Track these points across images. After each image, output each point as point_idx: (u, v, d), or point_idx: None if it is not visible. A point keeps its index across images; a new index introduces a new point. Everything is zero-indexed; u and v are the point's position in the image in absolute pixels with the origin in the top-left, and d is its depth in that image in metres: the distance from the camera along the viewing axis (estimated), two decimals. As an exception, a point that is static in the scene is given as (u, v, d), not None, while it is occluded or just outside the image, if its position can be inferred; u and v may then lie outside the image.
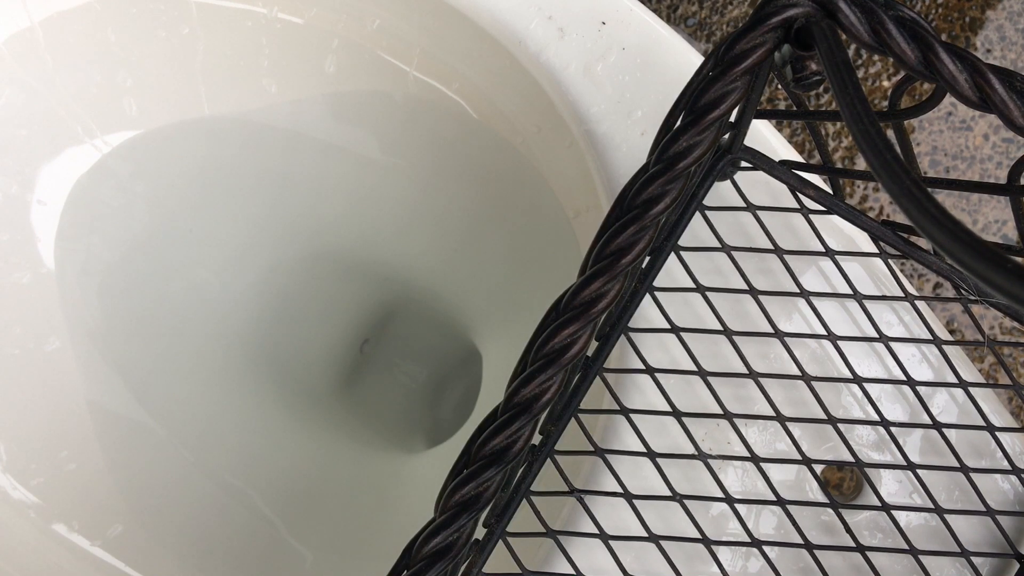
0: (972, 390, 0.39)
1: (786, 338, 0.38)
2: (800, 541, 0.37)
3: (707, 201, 0.38)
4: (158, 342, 0.61)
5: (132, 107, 0.58)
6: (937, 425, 0.38)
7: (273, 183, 0.61)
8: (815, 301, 0.39)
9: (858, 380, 0.38)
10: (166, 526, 0.58)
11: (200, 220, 0.62)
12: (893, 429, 0.38)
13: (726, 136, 0.37)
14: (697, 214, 0.38)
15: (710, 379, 0.38)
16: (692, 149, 0.29)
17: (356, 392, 0.73)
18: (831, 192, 0.39)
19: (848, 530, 0.38)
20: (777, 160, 0.39)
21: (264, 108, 0.59)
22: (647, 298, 0.37)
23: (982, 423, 0.39)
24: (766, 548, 0.37)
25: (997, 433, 0.39)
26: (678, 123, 0.29)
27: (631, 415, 0.37)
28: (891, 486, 0.40)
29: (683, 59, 0.44)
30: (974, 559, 0.38)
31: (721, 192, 0.39)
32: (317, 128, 0.60)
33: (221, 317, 0.63)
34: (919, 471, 0.38)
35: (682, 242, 0.38)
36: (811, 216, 0.39)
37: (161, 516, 0.59)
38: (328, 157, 0.60)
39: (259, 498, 0.61)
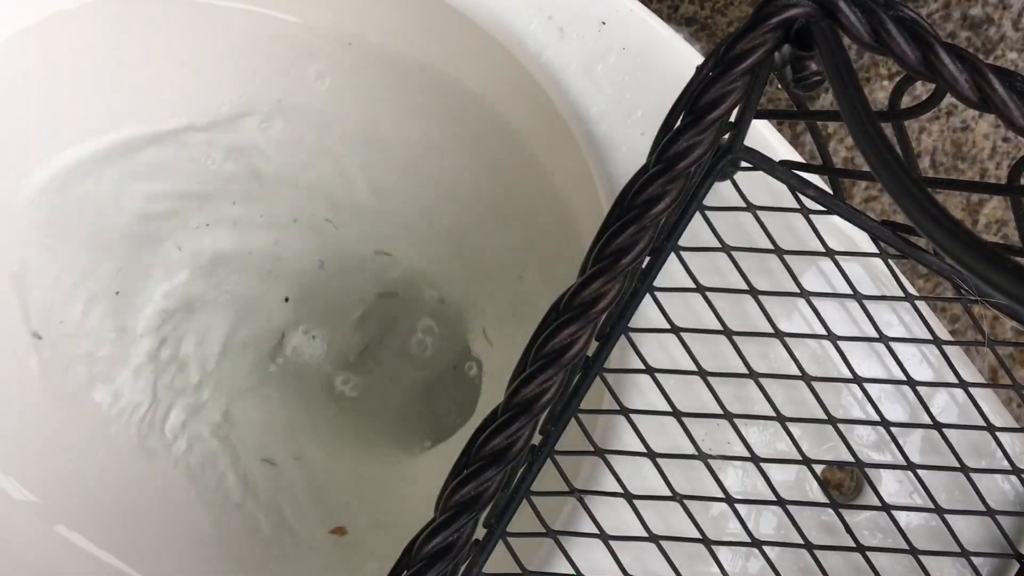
0: (972, 390, 0.39)
1: (786, 338, 0.38)
2: (800, 541, 0.37)
3: (707, 201, 0.38)
4: (157, 341, 0.61)
5: (133, 109, 0.58)
6: (937, 425, 0.38)
7: (273, 184, 0.61)
8: (815, 301, 0.39)
9: (858, 380, 0.38)
10: (166, 526, 0.58)
11: (201, 221, 0.62)
12: (893, 429, 0.38)
13: (726, 136, 0.37)
14: (697, 214, 0.38)
15: (710, 379, 0.38)
16: (692, 149, 0.29)
17: (356, 392, 0.73)
18: (831, 192, 0.39)
19: (848, 530, 0.38)
20: (777, 160, 0.39)
21: (264, 109, 0.59)
22: (647, 298, 0.37)
23: (982, 423, 0.38)
24: (766, 548, 0.37)
25: (997, 433, 0.39)
26: (678, 123, 0.29)
27: (631, 415, 0.37)
28: (891, 486, 0.40)
29: (683, 59, 0.44)
30: (974, 559, 0.38)
31: (721, 192, 0.39)
32: (317, 129, 0.60)
33: (221, 318, 0.63)
34: (919, 471, 0.38)
35: (682, 242, 0.38)
36: (811, 216, 0.39)
37: (161, 516, 0.59)
38: (328, 158, 0.60)
39: (260, 498, 0.61)
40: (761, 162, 0.38)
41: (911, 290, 0.39)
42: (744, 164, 0.38)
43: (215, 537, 0.59)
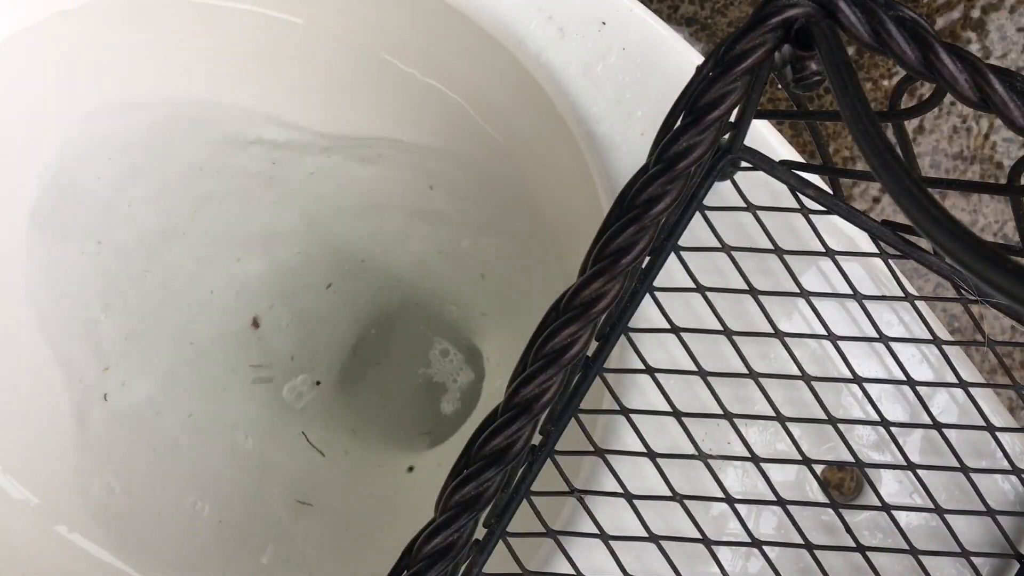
0: (972, 390, 0.39)
1: (786, 338, 0.38)
2: (800, 541, 0.37)
3: (707, 201, 0.38)
4: (156, 342, 0.61)
5: (131, 108, 0.58)
6: (937, 425, 0.38)
7: (273, 183, 0.61)
8: (815, 301, 0.39)
9: (858, 380, 0.38)
10: (166, 526, 0.58)
11: (200, 220, 0.62)
12: (893, 429, 0.38)
13: (726, 136, 0.37)
14: (697, 214, 0.38)
15: (710, 379, 0.38)
16: (692, 149, 0.29)
17: (356, 391, 0.73)
18: (831, 192, 0.39)
19: (848, 530, 0.38)
20: (777, 160, 0.39)
21: (264, 110, 0.59)
22: (647, 298, 0.37)
23: (982, 423, 0.38)
24: (766, 548, 0.37)
25: (997, 433, 0.39)
26: (678, 123, 0.29)
27: (631, 415, 0.37)
28: (891, 486, 0.40)
29: (683, 59, 0.44)
30: (974, 559, 0.38)
31: (721, 192, 0.39)
32: (318, 129, 0.60)
33: (220, 317, 0.63)
34: (919, 471, 0.38)
35: (682, 242, 0.38)
36: (811, 216, 0.39)
37: (161, 516, 0.59)
38: (329, 158, 0.60)
39: (260, 498, 0.61)
40: (761, 162, 0.38)
41: (911, 290, 0.39)
42: (744, 164, 0.38)
43: (215, 536, 0.59)
